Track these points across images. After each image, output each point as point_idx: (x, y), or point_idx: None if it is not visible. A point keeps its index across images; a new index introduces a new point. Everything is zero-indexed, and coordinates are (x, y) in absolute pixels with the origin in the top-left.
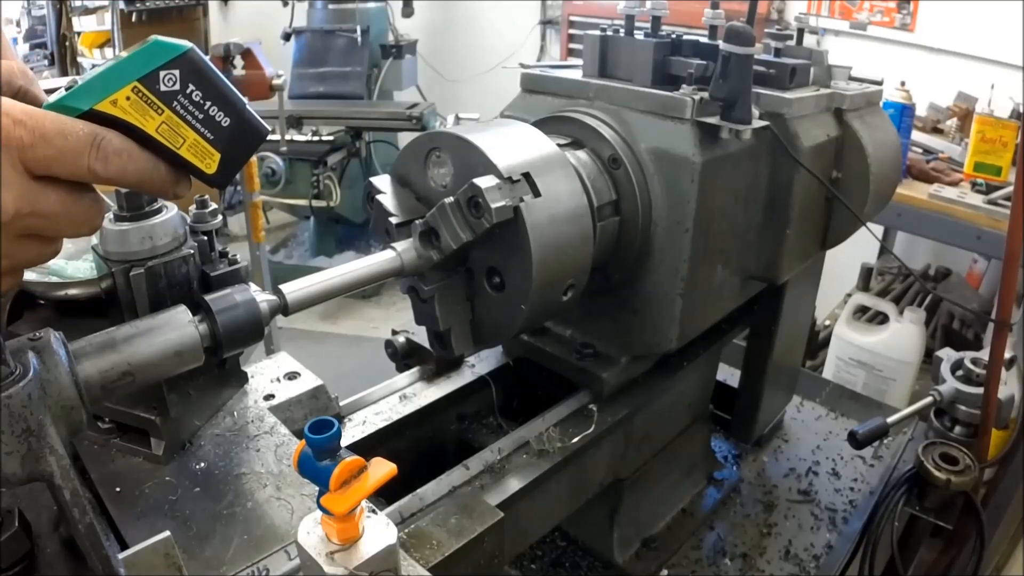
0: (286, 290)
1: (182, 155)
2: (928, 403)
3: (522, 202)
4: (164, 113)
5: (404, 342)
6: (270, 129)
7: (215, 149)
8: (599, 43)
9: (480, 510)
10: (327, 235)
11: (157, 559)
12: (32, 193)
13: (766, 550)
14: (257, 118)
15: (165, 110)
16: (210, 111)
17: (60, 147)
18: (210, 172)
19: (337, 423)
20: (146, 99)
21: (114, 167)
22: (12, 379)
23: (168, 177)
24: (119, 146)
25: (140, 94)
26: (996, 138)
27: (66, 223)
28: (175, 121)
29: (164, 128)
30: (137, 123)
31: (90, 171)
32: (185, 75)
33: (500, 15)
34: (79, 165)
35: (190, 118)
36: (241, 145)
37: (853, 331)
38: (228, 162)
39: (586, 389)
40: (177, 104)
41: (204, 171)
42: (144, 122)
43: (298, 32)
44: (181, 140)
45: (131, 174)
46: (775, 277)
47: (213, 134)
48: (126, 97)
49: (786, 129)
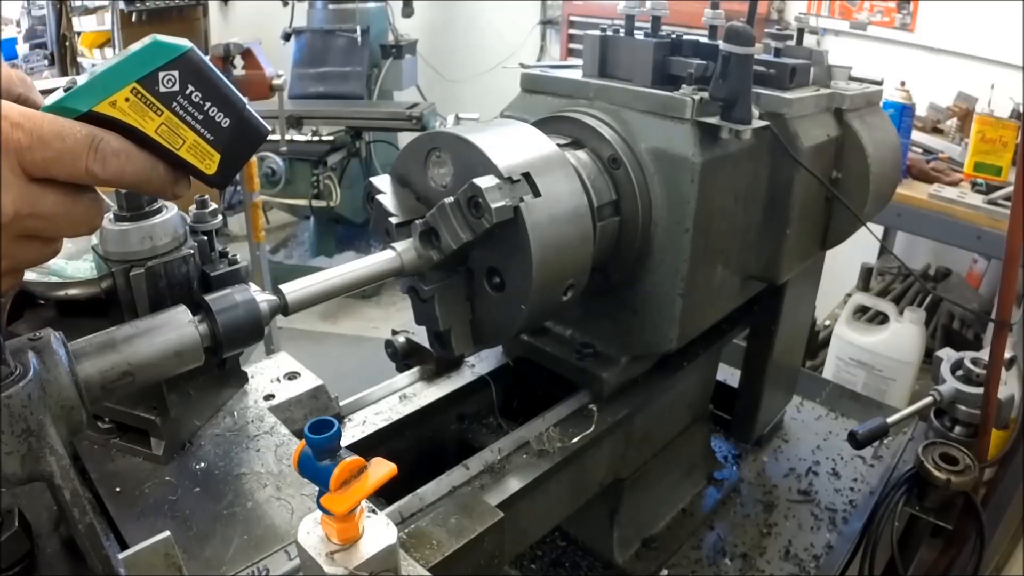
0: (286, 290)
1: (182, 156)
2: (928, 403)
3: (522, 202)
4: (163, 114)
5: (404, 342)
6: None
7: (215, 150)
8: (599, 43)
9: (480, 510)
10: (327, 235)
11: (157, 559)
12: (31, 195)
13: (766, 550)
14: (257, 118)
15: (164, 111)
16: (210, 112)
17: (58, 149)
18: (210, 173)
19: (337, 423)
20: (145, 100)
21: (112, 168)
22: (12, 379)
23: (167, 177)
24: (117, 147)
25: (139, 95)
26: (996, 138)
27: (65, 224)
28: (174, 122)
29: (164, 129)
30: (136, 124)
31: (88, 172)
32: (184, 76)
33: (500, 15)
34: (77, 167)
35: (190, 119)
36: (241, 145)
37: (853, 331)
38: (228, 162)
39: (586, 389)
40: (176, 105)
41: (204, 172)
42: (143, 123)
43: (298, 32)
44: (181, 141)
45: (129, 175)
46: (775, 277)
47: (213, 135)
48: (125, 98)
49: (786, 129)
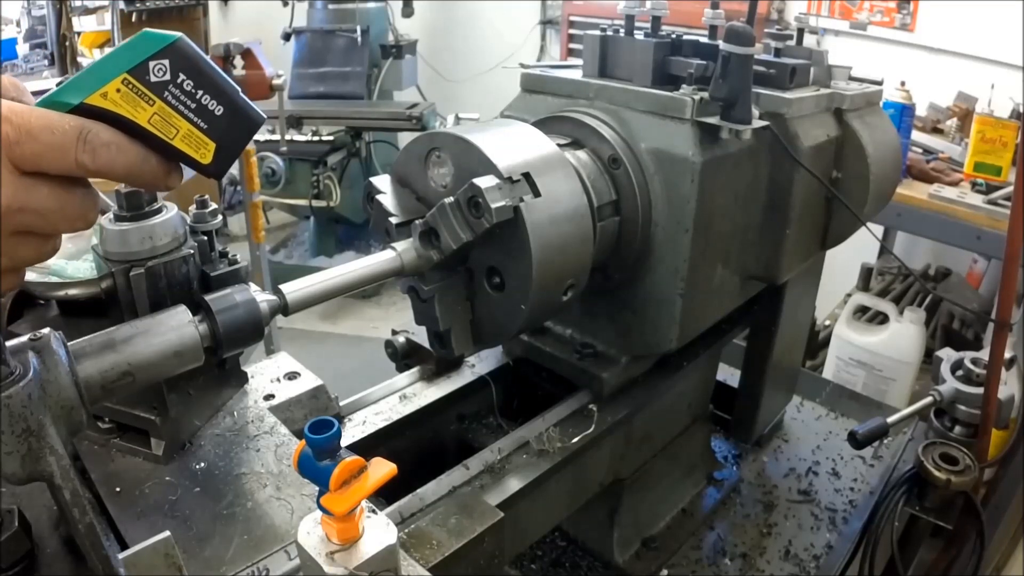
0: (286, 290)
1: (176, 146)
2: (928, 403)
3: (522, 202)
4: (156, 104)
5: (404, 342)
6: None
7: (210, 139)
8: (599, 43)
9: (480, 510)
10: (327, 235)
11: (157, 559)
12: (22, 189)
13: (766, 550)
14: (251, 106)
15: (156, 101)
16: (203, 100)
17: (47, 142)
18: (206, 162)
19: (337, 423)
20: (136, 90)
21: (102, 160)
22: (12, 379)
23: (159, 168)
24: (107, 139)
25: (130, 86)
26: (996, 138)
27: (60, 218)
28: (167, 112)
29: (156, 119)
30: (128, 115)
31: (78, 164)
32: (175, 65)
33: (500, 15)
34: (67, 159)
35: (183, 108)
36: (237, 134)
37: (853, 331)
38: (224, 151)
39: (586, 389)
40: (168, 94)
41: (200, 161)
42: (135, 114)
43: (298, 32)
44: (175, 131)
45: (120, 166)
46: (775, 277)
47: (207, 123)
48: (116, 89)
49: (786, 129)
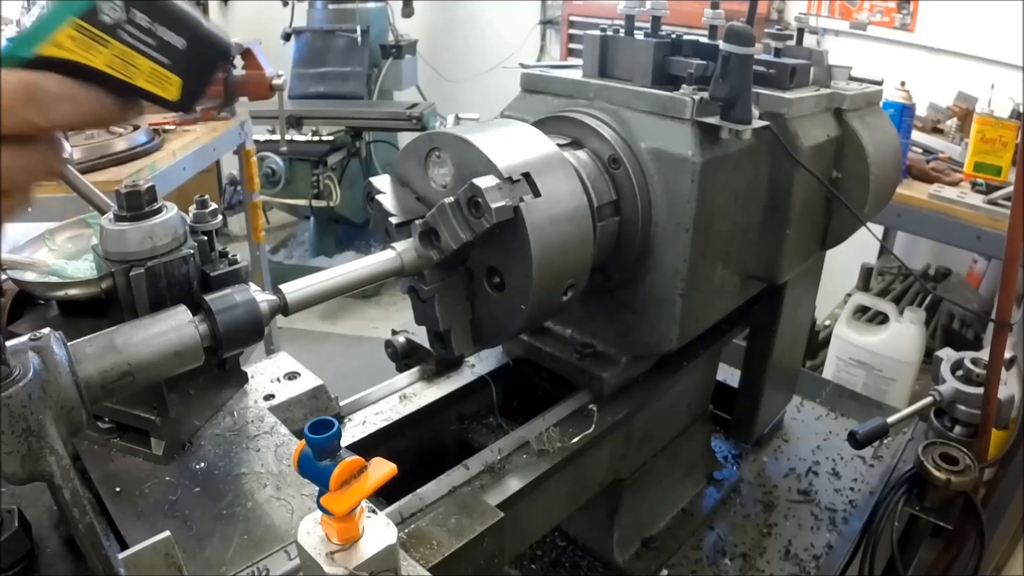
0: (286, 290)
1: (139, 85)
2: (928, 403)
3: (522, 202)
4: (111, 45)
5: (404, 342)
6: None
7: (174, 74)
8: (599, 43)
9: (480, 510)
10: (327, 235)
11: (157, 559)
12: None
13: (766, 550)
14: (216, 33)
15: (112, 42)
16: (161, 35)
17: None
18: (173, 99)
19: (337, 423)
20: (90, 34)
21: (55, 115)
22: (12, 379)
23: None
24: (56, 91)
25: (82, 30)
26: (996, 138)
27: (23, 175)
28: (125, 51)
29: (115, 61)
30: (85, 60)
31: (29, 124)
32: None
33: (500, 15)
34: (16, 119)
35: (141, 46)
36: (202, 65)
37: (853, 331)
38: (191, 85)
39: (586, 389)
40: (124, 33)
41: (166, 98)
42: (91, 59)
43: (298, 32)
44: (135, 70)
45: (75, 116)
46: (775, 277)
47: (170, 59)
48: (69, 36)
49: (786, 129)
